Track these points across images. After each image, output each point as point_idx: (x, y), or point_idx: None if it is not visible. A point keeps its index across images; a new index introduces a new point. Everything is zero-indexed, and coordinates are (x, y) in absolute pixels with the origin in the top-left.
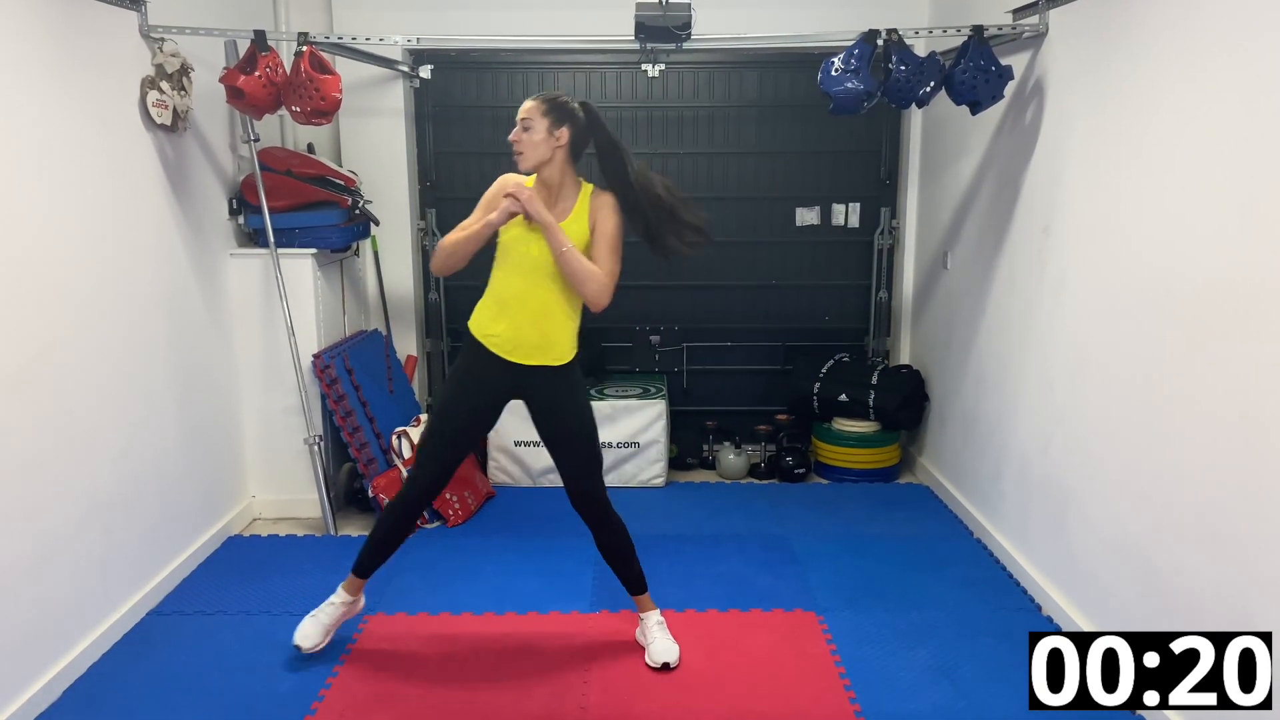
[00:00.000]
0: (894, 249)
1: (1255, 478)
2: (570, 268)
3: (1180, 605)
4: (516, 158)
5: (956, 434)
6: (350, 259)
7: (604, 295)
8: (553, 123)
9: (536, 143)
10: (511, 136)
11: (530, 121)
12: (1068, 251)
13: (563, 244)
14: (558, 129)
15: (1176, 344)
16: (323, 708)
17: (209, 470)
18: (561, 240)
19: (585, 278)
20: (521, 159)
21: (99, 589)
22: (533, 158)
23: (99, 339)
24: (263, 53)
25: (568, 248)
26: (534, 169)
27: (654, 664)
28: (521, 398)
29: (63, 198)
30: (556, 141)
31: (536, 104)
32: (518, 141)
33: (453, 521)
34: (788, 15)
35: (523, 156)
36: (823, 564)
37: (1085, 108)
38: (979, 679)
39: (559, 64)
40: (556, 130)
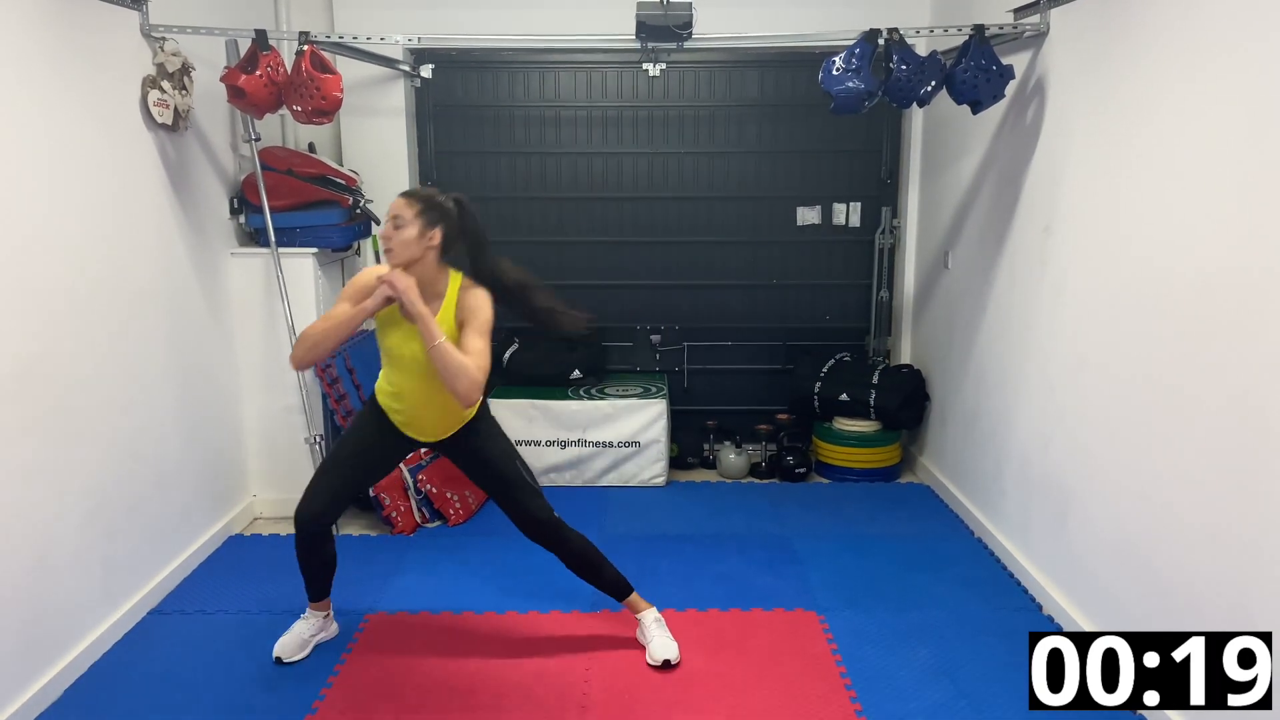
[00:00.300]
0: (895, 248)
1: (1255, 477)
2: (442, 362)
3: (1180, 605)
4: (385, 255)
5: (957, 433)
6: (351, 258)
7: (474, 392)
8: (426, 224)
9: (408, 242)
10: (381, 233)
11: (403, 220)
12: (1068, 251)
13: (435, 336)
14: (431, 230)
15: (1177, 344)
16: (323, 707)
17: (210, 469)
18: (435, 333)
19: (456, 373)
20: (391, 256)
21: (100, 588)
22: (403, 256)
23: (100, 338)
24: (264, 52)
25: (440, 340)
26: (403, 266)
27: (654, 662)
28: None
29: (64, 197)
30: (429, 242)
31: (410, 203)
32: (388, 239)
33: (454, 521)
34: (789, 14)
35: (392, 254)
36: (823, 563)
37: (1086, 107)
38: (979, 679)
39: (560, 63)
40: (430, 231)
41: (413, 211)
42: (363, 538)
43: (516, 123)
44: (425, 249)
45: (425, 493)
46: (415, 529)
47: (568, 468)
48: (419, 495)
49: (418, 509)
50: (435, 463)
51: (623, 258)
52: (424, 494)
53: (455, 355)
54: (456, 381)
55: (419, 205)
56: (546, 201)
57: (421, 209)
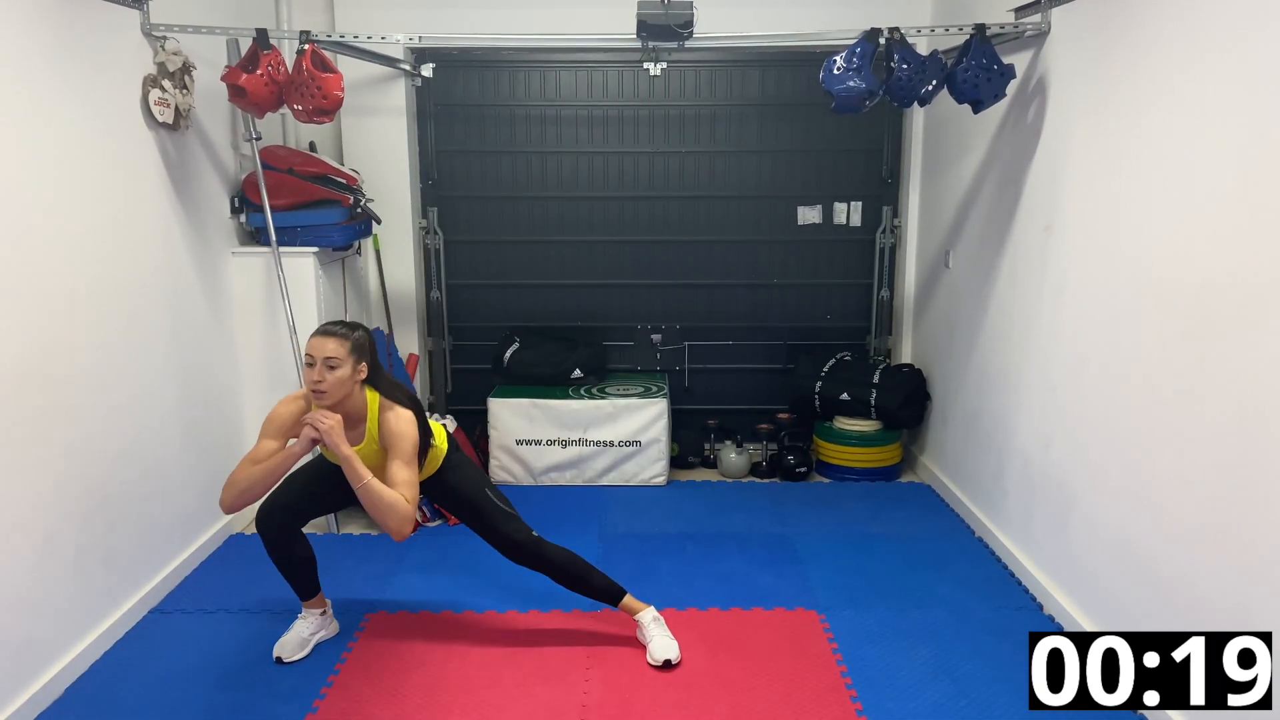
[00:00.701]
0: (896, 248)
1: (1256, 477)
2: (370, 501)
3: (1180, 605)
4: (317, 398)
5: (958, 433)
6: (352, 257)
7: (405, 526)
8: (355, 360)
9: (343, 380)
10: (314, 377)
11: (337, 361)
12: (1069, 250)
13: (361, 477)
14: (359, 364)
15: (1178, 343)
16: (324, 706)
17: (211, 468)
18: (360, 473)
19: (386, 512)
20: (323, 399)
21: (101, 587)
22: (337, 395)
23: (101, 337)
24: (264, 51)
25: (365, 480)
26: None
27: (655, 662)
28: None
29: (64, 196)
30: (359, 375)
31: (340, 343)
32: (319, 382)
33: (454, 520)
34: (790, 14)
35: (326, 396)
36: (824, 563)
37: (1087, 107)
38: (980, 678)
39: (561, 62)
40: (359, 365)
41: (344, 350)
42: (363, 536)
43: (517, 122)
44: (355, 382)
45: None
46: (415, 528)
47: (568, 467)
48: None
49: (418, 508)
50: None
51: (623, 257)
52: None
53: (383, 494)
54: (387, 519)
55: (349, 344)
56: (547, 201)
57: (352, 347)
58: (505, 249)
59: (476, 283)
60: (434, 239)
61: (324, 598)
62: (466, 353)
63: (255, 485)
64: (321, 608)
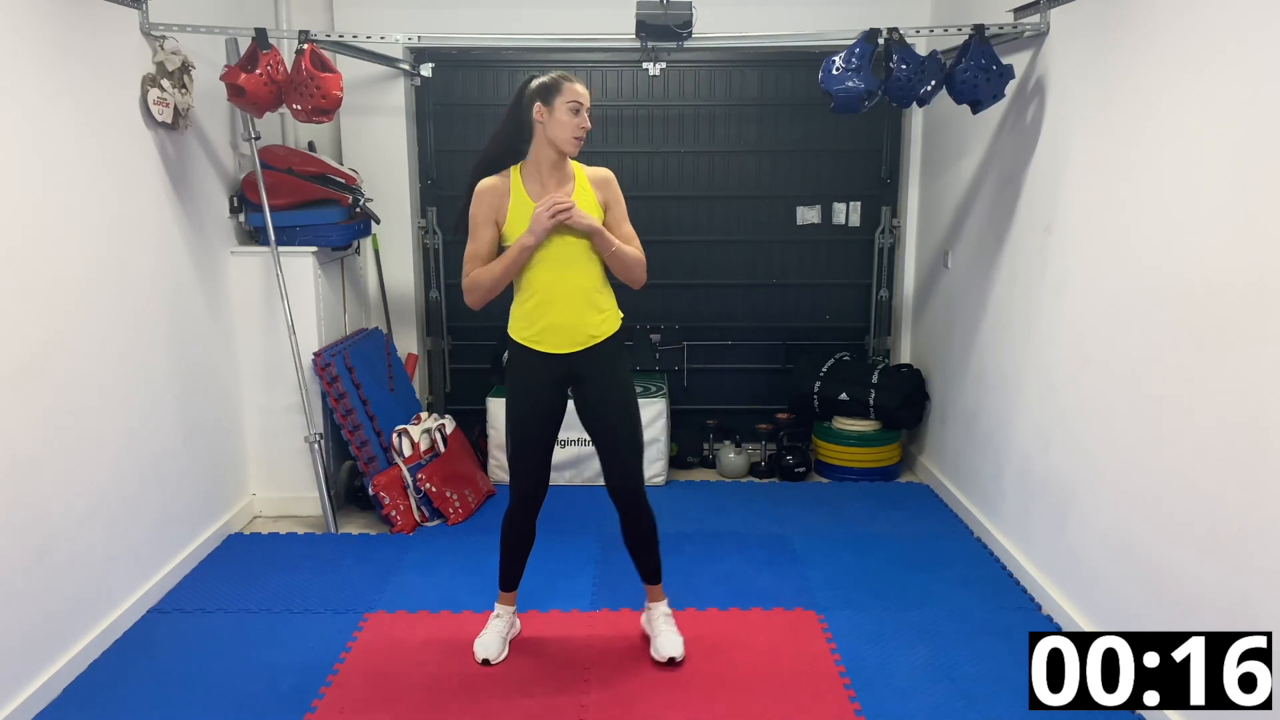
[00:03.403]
0: (895, 248)
1: (1255, 477)
2: (623, 263)
3: (1180, 605)
4: (579, 144)
5: (957, 433)
6: (351, 257)
7: (644, 273)
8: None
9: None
10: (580, 124)
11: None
12: (1069, 250)
13: (611, 243)
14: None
15: (1178, 343)
16: (323, 705)
17: (210, 468)
18: (610, 239)
19: (634, 266)
20: (580, 143)
21: (100, 586)
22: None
23: (100, 337)
24: (264, 50)
25: (615, 245)
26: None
27: (660, 658)
28: (572, 384)
29: (63, 195)
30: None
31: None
32: (585, 127)
33: (453, 520)
34: (789, 14)
35: (583, 140)
36: (823, 563)
37: (1086, 107)
38: (979, 678)
39: (560, 62)
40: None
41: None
42: (362, 536)
43: None
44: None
45: (425, 492)
46: (414, 528)
47: (567, 467)
48: (418, 494)
49: (417, 508)
50: (435, 461)
51: None
52: (423, 493)
53: (630, 252)
54: (635, 272)
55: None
56: None
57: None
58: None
59: None
60: (433, 239)
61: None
62: (465, 352)
63: (499, 280)
64: (512, 604)
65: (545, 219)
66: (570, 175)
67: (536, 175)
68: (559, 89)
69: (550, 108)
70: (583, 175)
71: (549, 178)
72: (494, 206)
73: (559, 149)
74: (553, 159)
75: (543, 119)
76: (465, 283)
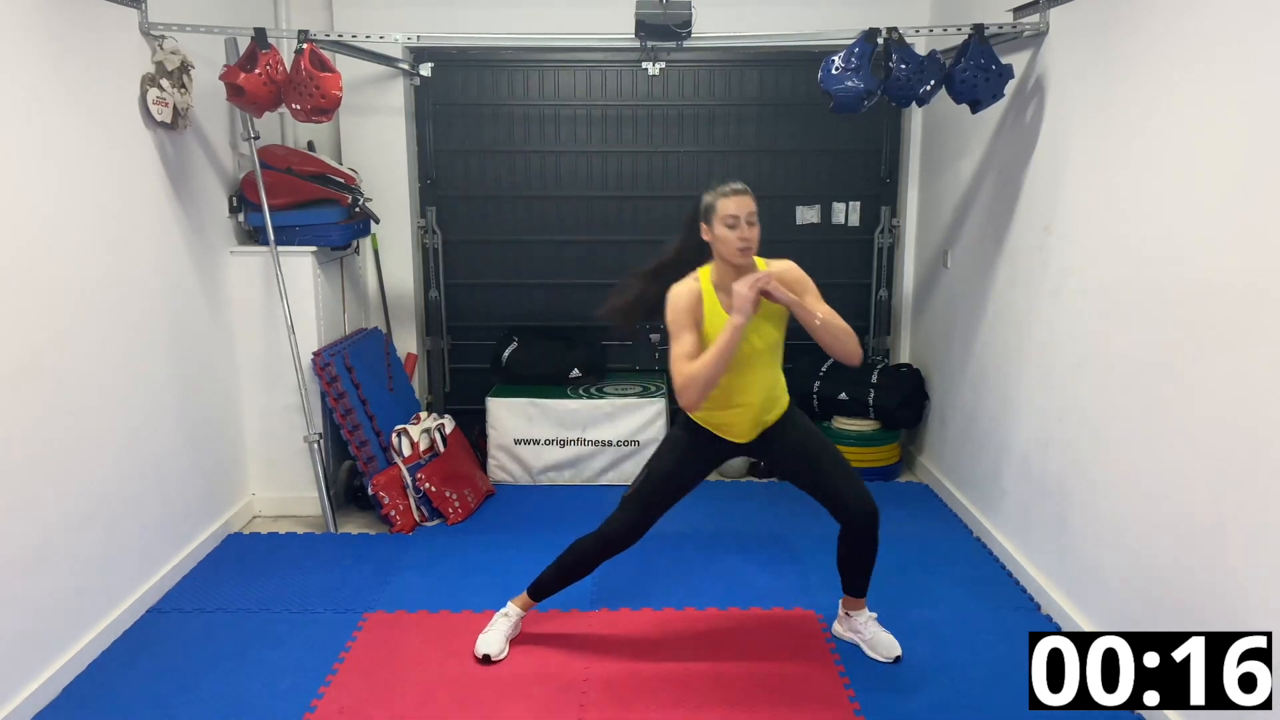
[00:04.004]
0: (894, 247)
1: (1255, 477)
2: (831, 331)
3: (1179, 605)
4: (745, 255)
5: (956, 433)
6: (350, 257)
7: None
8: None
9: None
10: (745, 235)
11: (755, 217)
12: (1068, 250)
13: (815, 313)
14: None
15: (1177, 343)
16: (322, 705)
17: (209, 468)
18: (813, 309)
19: (845, 336)
20: (750, 254)
21: (99, 586)
22: (756, 249)
23: (99, 336)
24: (263, 50)
25: (820, 315)
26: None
27: (888, 657)
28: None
29: (62, 195)
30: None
31: (754, 200)
32: (748, 240)
33: (453, 519)
34: (788, 13)
35: (752, 251)
36: (823, 562)
37: (1086, 106)
38: (978, 678)
39: (559, 62)
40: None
41: (756, 205)
42: (361, 536)
43: (516, 121)
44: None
45: (424, 491)
46: (414, 528)
47: (567, 466)
48: (418, 494)
49: (416, 508)
50: (434, 461)
51: (622, 256)
52: (423, 493)
53: (838, 319)
54: (848, 343)
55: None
56: (545, 200)
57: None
58: (504, 248)
59: (475, 282)
60: (432, 238)
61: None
62: (465, 352)
63: (716, 371)
64: (527, 610)
65: (748, 293)
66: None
67: (723, 283)
68: (714, 208)
69: (711, 226)
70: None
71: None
72: (692, 311)
73: (729, 262)
74: (732, 268)
75: (709, 237)
76: (680, 382)
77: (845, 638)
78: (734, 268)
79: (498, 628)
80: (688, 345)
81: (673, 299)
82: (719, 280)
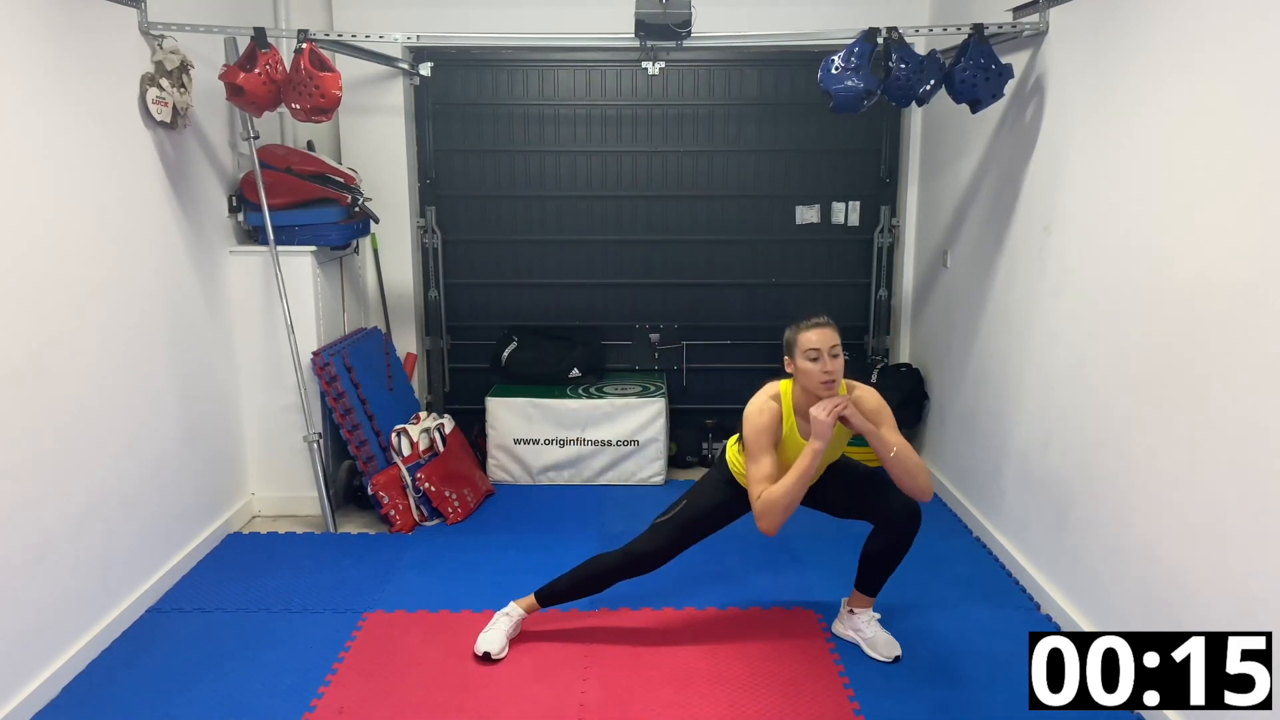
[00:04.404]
0: (894, 247)
1: (1255, 477)
2: (904, 464)
3: (1179, 605)
4: (829, 388)
5: (956, 433)
6: (350, 256)
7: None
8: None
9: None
10: (829, 368)
11: (839, 350)
12: (1068, 250)
13: (890, 446)
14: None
15: (1177, 343)
16: (321, 705)
17: (209, 467)
18: (889, 442)
19: (918, 471)
20: (836, 386)
21: (99, 586)
22: (841, 380)
23: (99, 336)
24: (262, 50)
25: (895, 448)
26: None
27: (887, 657)
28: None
29: (61, 195)
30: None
31: (837, 333)
32: (832, 373)
33: (452, 519)
34: (788, 13)
35: (837, 384)
36: (822, 562)
37: (1086, 106)
38: (977, 678)
39: (559, 61)
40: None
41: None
42: (361, 536)
43: (515, 121)
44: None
45: (424, 491)
46: (413, 527)
47: (566, 466)
48: (417, 493)
49: (416, 507)
50: (434, 461)
51: (622, 256)
52: (422, 492)
53: (912, 454)
54: (920, 479)
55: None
56: (545, 200)
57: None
58: (503, 248)
59: (474, 282)
60: (432, 238)
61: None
62: (464, 352)
63: (796, 497)
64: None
65: (826, 420)
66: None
67: (801, 408)
68: (795, 342)
69: (794, 359)
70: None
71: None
72: (773, 432)
73: (813, 393)
74: (811, 400)
75: (792, 369)
76: (760, 507)
77: (845, 636)
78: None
79: (499, 626)
80: (764, 466)
81: (753, 417)
82: (798, 404)
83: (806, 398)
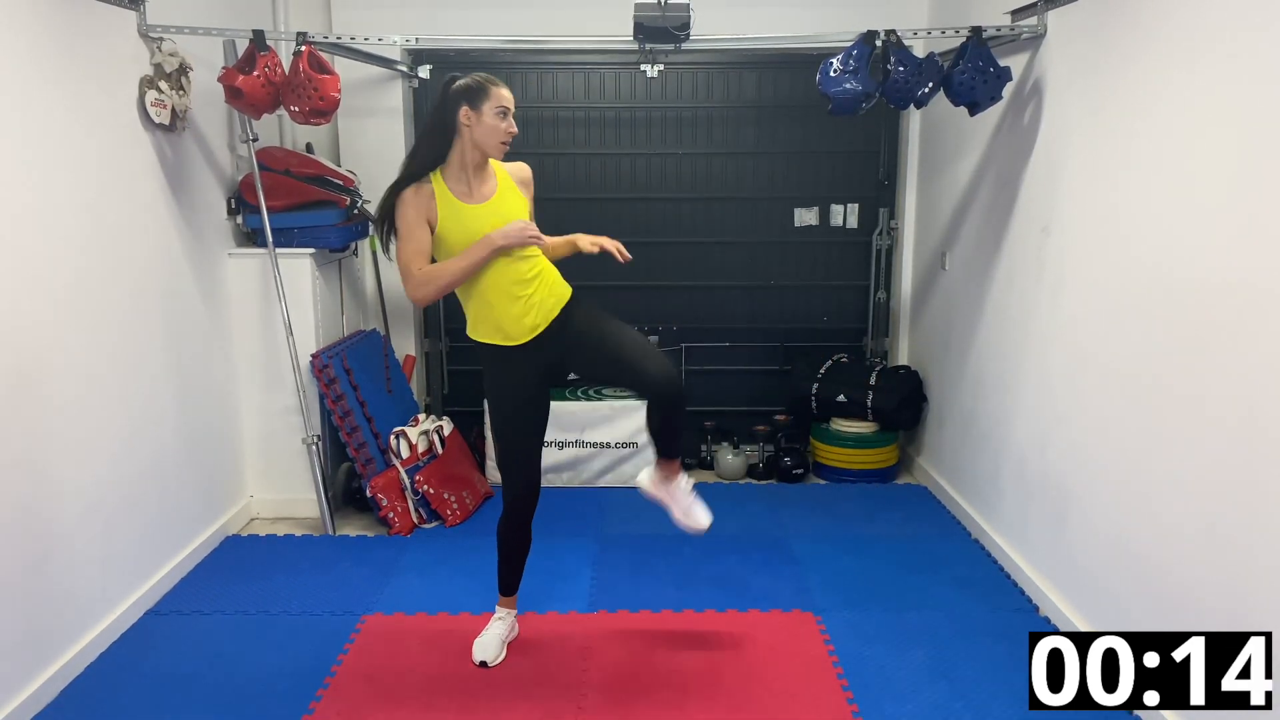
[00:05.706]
0: (892, 249)
1: (1254, 477)
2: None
3: (1178, 606)
4: (506, 149)
5: (955, 434)
6: (349, 259)
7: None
8: None
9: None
10: (508, 128)
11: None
12: (1066, 252)
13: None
14: None
15: (1175, 344)
16: (320, 707)
17: (207, 470)
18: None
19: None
20: (506, 148)
21: (97, 588)
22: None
23: (97, 338)
24: (261, 52)
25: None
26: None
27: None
28: (557, 358)
29: (60, 197)
30: None
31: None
32: (512, 132)
33: (451, 521)
34: (787, 16)
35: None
36: (821, 564)
37: (1084, 108)
38: (976, 679)
39: (558, 64)
40: None
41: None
42: (360, 538)
43: None
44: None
45: (422, 493)
46: (412, 530)
47: (565, 468)
48: (416, 496)
49: (415, 510)
50: (433, 463)
51: None
52: (421, 495)
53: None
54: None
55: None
56: (544, 202)
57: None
58: None
59: None
60: None
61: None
62: (463, 354)
63: (459, 278)
64: (513, 607)
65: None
66: (492, 172)
67: (461, 176)
68: (486, 94)
69: (478, 112)
70: (504, 172)
71: (474, 178)
72: (423, 209)
73: (485, 152)
74: (477, 160)
75: (469, 123)
76: (417, 278)
77: (655, 496)
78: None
79: (493, 631)
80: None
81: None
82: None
83: (474, 155)
